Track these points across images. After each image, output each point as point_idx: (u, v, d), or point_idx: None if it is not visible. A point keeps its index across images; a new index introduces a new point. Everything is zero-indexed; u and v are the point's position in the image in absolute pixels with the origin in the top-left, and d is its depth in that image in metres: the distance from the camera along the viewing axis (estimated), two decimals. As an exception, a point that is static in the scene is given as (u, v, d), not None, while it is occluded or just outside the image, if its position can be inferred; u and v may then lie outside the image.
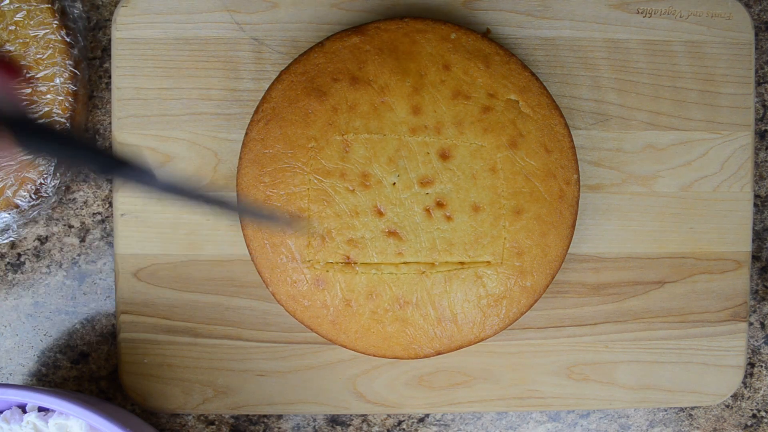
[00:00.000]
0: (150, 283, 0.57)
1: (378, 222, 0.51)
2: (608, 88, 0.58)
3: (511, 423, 0.59)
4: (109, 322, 0.58)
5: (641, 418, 0.60)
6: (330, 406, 0.57)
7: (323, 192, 0.51)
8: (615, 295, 0.58)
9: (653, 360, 0.58)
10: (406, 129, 0.51)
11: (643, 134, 0.58)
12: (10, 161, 0.53)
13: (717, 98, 0.58)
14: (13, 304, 0.58)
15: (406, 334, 0.52)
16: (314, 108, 0.52)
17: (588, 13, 0.58)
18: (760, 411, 0.61)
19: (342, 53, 0.52)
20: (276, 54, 0.57)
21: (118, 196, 0.56)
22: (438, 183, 0.51)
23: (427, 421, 0.59)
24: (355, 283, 0.51)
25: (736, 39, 0.58)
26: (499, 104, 0.52)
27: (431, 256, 0.51)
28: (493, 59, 0.53)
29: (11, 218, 0.54)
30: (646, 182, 0.58)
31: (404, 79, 0.52)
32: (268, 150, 0.52)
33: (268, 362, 0.57)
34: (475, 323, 0.52)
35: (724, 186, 0.59)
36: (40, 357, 0.58)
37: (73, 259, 0.58)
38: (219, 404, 0.57)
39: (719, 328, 0.59)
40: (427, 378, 0.58)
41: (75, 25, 0.55)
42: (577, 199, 0.53)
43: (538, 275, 0.53)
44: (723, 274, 0.59)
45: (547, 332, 0.58)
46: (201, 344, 0.57)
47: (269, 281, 0.53)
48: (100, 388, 0.58)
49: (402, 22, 0.53)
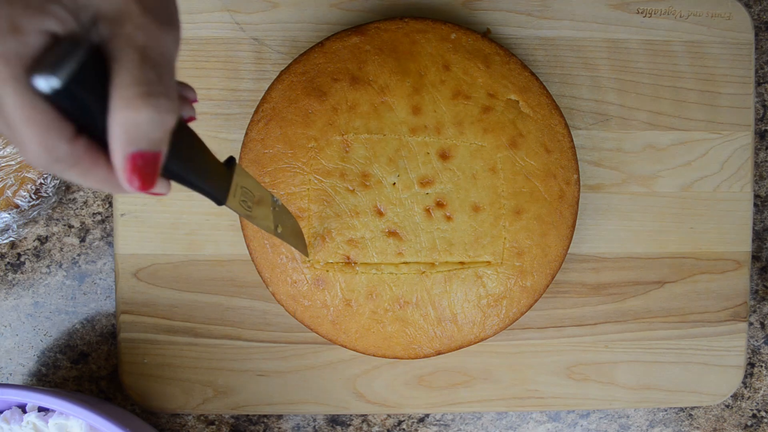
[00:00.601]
0: (150, 283, 0.56)
1: (378, 222, 0.51)
2: (608, 88, 0.58)
3: (511, 423, 0.59)
4: (109, 322, 0.58)
5: (641, 418, 0.60)
6: (330, 406, 0.57)
7: (323, 192, 0.51)
8: (615, 295, 0.58)
9: (653, 360, 0.58)
10: (406, 129, 0.51)
11: (643, 134, 0.58)
12: (11, 161, 0.53)
13: (717, 98, 0.58)
14: (13, 304, 0.58)
15: (406, 334, 0.52)
16: (314, 108, 0.52)
17: (588, 13, 0.58)
18: (760, 411, 0.61)
19: (342, 53, 0.52)
20: (276, 54, 0.57)
21: (118, 196, 0.56)
22: (438, 183, 0.51)
23: (427, 421, 0.59)
24: (355, 283, 0.51)
25: (736, 39, 0.58)
26: (499, 104, 0.52)
27: (431, 256, 0.51)
28: (493, 59, 0.53)
29: (11, 218, 0.54)
30: (646, 182, 0.58)
31: (404, 79, 0.52)
32: (268, 150, 0.52)
33: (268, 362, 0.57)
34: (475, 323, 0.52)
35: (724, 186, 0.59)
36: (40, 357, 0.58)
37: (73, 259, 0.58)
38: (219, 404, 0.57)
39: (719, 328, 0.59)
40: (427, 378, 0.58)
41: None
42: (577, 199, 0.53)
43: (538, 275, 0.53)
44: (723, 274, 0.59)
45: (547, 332, 0.58)
46: (201, 344, 0.57)
47: (269, 281, 0.53)
48: (100, 388, 0.58)
49: (402, 22, 0.53)
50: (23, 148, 0.28)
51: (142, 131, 0.28)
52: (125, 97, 0.28)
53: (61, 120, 0.28)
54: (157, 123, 0.28)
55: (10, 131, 0.28)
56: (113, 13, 0.28)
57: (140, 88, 0.28)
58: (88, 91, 0.27)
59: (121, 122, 0.28)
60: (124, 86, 0.28)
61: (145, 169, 0.29)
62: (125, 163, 0.29)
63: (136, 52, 0.28)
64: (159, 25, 0.29)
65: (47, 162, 0.28)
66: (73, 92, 0.27)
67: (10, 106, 0.27)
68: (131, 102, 0.28)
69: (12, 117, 0.27)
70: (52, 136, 0.27)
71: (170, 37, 0.30)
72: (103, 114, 0.28)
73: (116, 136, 0.28)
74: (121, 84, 0.28)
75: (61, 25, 0.27)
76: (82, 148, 0.28)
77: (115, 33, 0.28)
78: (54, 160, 0.28)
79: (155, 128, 0.28)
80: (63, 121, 0.28)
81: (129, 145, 0.28)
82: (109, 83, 0.28)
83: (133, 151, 0.29)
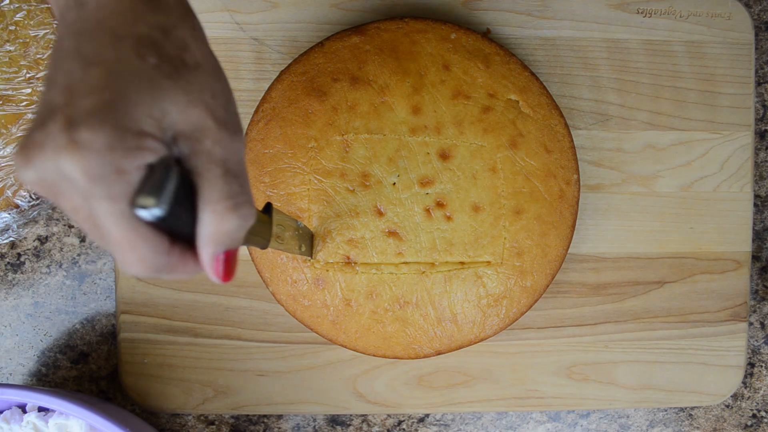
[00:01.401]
0: (150, 283, 0.56)
1: (378, 222, 0.51)
2: (608, 88, 0.58)
3: (511, 423, 0.59)
4: (109, 322, 0.58)
5: (641, 418, 0.60)
6: (330, 406, 0.57)
7: (323, 192, 0.51)
8: (615, 295, 0.58)
9: (653, 360, 0.58)
10: (406, 129, 0.51)
11: (643, 134, 0.58)
12: (11, 161, 0.53)
13: (717, 98, 0.58)
14: (13, 304, 0.58)
15: (406, 334, 0.52)
16: (314, 108, 0.52)
17: (588, 13, 0.58)
18: (760, 411, 0.61)
19: (342, 53, 0.52)
20: (276, 54, 0.57)
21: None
22: (438, 183, 0.51)
23: (427, 421, 0.59)
24: (355, 282, 0.51)
25: (736, 39, 0.58)
26: (499, 104, 0.52)
27: (431, 256, 0.51)
28: (493, 59, 0.53)
29: (11, 218, 0.54)
30: (646, 182, 0.58)
31: (404, 79, 0.52)
32: (268, 150, 0.52)
33: (268, 362, 0.57)
34: (475, 323, 0.52)
35: (724, 186, 0.59)
36: (40, 357, 0.58)
37: (73, 259, 0.58)
38: (219, 404, 0.57)
39: (719, 328, 0.59)
40: (427, 378, 0.58)
41: (75, 25, 0.55)
42: (577, 199, 0.53)
43: (538, 275, 0.53)
44: (723, 274, 0.59)
45: (547, 332, 0.58)
46: (201, 344, 0.57)
47: (269, 281, 0.53)
48: (100, 388, 0.58)
49: (402, 22, 0.53)
50: (124, 263, 0.31)
51: (229, 236, 0.31)
52: (216, 212, 0.31)
53: (160, 236, 0.31)
54: (243, 228, 0.32)
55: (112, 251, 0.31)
56: (191, 130, 0.30)
57: (228, 202, 0.31)
58: (181, 208, 0.30)
59: (210, 231, 0.31)
60: (213, 201, 0.31)
61: (229, 263, 0.33)
62: (213, 262, 0.32)
63: (219, 167, 0.31)
64: (231, 135, 0.32)
65: (147, 273, 0.31)
66: (170, 213, 0.29)
67: (116, 234, 0.29)
68: (222, 216, 0.31)
69: (117, 242, 0.30)
70: (155, 254, 0.30)
71: (241, 144, 0.32)
72: (190, 222, 0.31)
73: (206, 242, 0.31)
74: (210, 199, 0.31)
75: (155, 155, 0.29)
76: (176, 255, 0.32)
77: (196, 150, 0.31)
78: (154, 271, 0.31)
79: (240, 232, 0.32)
80: (161, 236, 0.31)
81: (218, 247, 0.32)
82: (197, 197, 0.31)
83: (220, 251, 0.32)
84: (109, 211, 0.29)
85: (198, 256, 0.32)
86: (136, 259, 0.30)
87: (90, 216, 0.30)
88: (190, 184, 0.31)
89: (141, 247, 0.30)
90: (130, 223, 0.29)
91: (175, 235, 0.31)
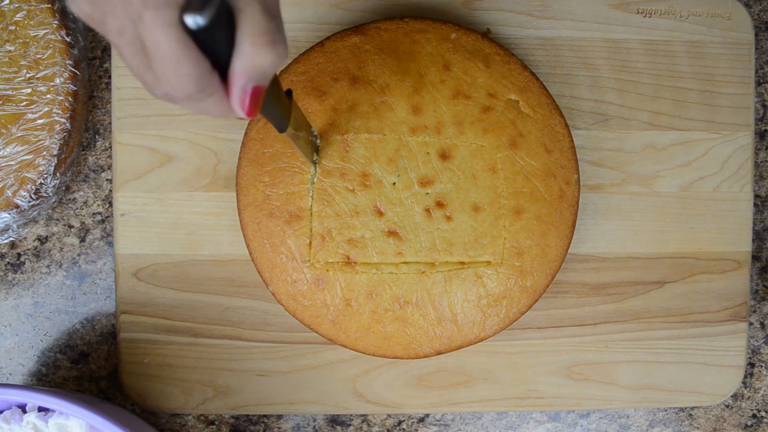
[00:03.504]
0: (150, 283, 0.57)
1: (378, 222, 0.51)
2: (608, 88, 0.58)
3: (511, 423, 0.59)
4: (109, 322, 0.58)
5: (641, 418, 0.60)
6: (330, 406, 0.57)
7: (323, 192, 0.51)
8: (615, 295, 0.58)
9: (653, 360, 0.58)
10: (406, 129, 0.51)
11: (643, 134, 0.58)
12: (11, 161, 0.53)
13: (717, 98, 0.58)
14: (13, 304, 0.58)
15: (406, 333, 0.52)
16: (314, 108, 0.52)
17: (588, 13, 0.58)
18: (760, 411, 0.61)
19: (342, 53, 0.52)
20: (276, 54, 0.57)
21: (118, 196, 0.56)
22: (438, 183, 0.51)
23: (427, 421, 0.59)
24: (355, 282, 0.51)
25: (736, 39, 0.58)
26: (499, 104, 0.52)
27: (431, 255, 0.51)
28: (493, 59, 0.53)
29: (11, 218, 0.54)
30: (646, 182, 0.58)
31: (404, 78, 0.52)
32: (268, 149, 0.52)
33: (268, 362, 0.57)
34: (475, 323, 0.52)
35: (724, 186, 0.59)
36: (40, 357, 0.58)
37: (73, 259, 0.58)
38: (219, 404, 0.57)
39: (719, 328, 0.59)
40: (427, 378, 0.58)
41: (75, 25, 0.55)
42: (577, 199, 0.53)
43: (538, 275, 0.53)
44: (723, 274, 0.59)
45: (547, 332, 0.58)
46: (201, 344, 0.57)
47: (269, 281, 0.53)
48: (100, 388, 0.58)
49: (402, 22, 0.53)
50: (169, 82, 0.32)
51: (263, 71, 0.33)
52: (255, 44, 0.32)
53: (203, 55, 0.32)
54: (276, 65, 0.34)
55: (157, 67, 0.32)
56: None
57: (267, 36, 0.33)
58: (222, 32, 0.32)
59: (246, 62, 0.33)
60: (253, 33, 0.32)
61: (256, 99, 0.35)
62: (243, 95, 0.34)
63: (259, 4, 0.32)
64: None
65: (192, 91, 0.33)
66: (211, 31, 0.31)
67: (164, 45, 0.31)
68: (259, 48, 0.33)
69: (163, 55, 0.31)
70: (199, 70, 0.32)
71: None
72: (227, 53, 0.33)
73: (240, 72, 0.33)
74: (250, 31, 0.32)
75: None
76: (216, 79, 0.33)
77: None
78: (199, 89, 0.33)
79: (273, 69, 0.34)
80: (204, 56, 0.32)
81: (250, 79, 0.34)
82: (236, 29, 0.32)
83: (252, 85, 0.34)
84: (159, 20, 0.30)
85: (229, 87, 0.34)
86: (181, 73, 0.32)
87: (135, 37, 0.31)
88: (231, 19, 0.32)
89: (186, 61, 0.31)
90: (179, 32, 0.31)
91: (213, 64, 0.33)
